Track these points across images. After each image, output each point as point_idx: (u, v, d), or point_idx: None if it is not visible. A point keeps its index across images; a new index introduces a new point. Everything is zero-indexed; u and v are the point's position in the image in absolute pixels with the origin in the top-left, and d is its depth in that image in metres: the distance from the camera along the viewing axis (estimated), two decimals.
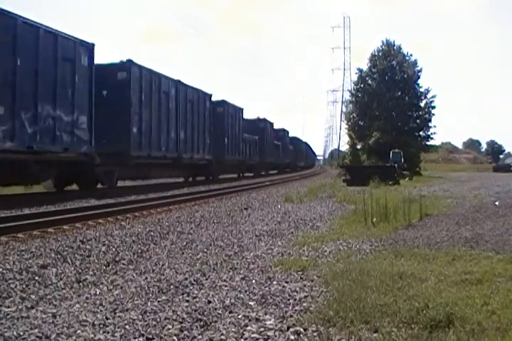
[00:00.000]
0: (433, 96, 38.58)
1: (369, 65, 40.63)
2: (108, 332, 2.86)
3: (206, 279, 4.13)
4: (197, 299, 3.52)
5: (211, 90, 21.75)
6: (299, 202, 11.60)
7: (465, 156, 78.06)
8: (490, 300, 3.25)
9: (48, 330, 2.89)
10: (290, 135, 45.37)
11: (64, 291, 3.87)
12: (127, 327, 2.94)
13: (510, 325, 2.78)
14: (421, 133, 39.01)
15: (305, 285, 3.83)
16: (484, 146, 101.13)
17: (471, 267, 4.24)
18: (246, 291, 3.70)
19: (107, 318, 3.12)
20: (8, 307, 3.42)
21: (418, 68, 39.25)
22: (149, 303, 3.44)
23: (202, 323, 2.99)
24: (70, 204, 10.15)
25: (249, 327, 2.89)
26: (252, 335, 2.77)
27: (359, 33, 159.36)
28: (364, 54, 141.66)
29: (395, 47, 40.05)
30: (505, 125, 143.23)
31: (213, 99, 22.31)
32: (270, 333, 2.79)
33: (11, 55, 9.91)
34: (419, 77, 39.23)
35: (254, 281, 4.00)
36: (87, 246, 5.61)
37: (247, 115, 29.26)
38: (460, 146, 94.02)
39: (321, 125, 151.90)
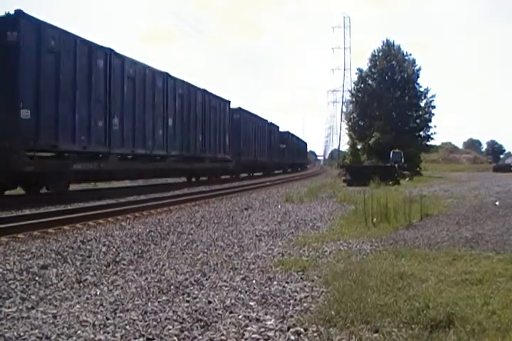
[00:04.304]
0: (433, 96, 38.62)
1: (369, 65, 40.68)
2: (108, 333, 2.86)
3: (206, 279, 4.12)
4: (197, 299, 3.52)
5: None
6: (299, 202, 11.61)
7: (465, 156, 77.85)
8: (490, 300, 3.25)
9: (49, 331, 2.89)
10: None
11: (64, 292, 3.86)
12: (128, 327, 2.94)
13: (511, 325, 2.78)
14: (421, 133, 38.97)
15: (305, 286, 3.83)
16: (484, 146, 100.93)
17: (472, 267, 4.23)
18: (246, 291, 3.70)
19: (108, 319, 3.12)
20: (9, 307, 3.42)
21: (417, 67, 39.33)
22: (150, 304, 3.44)
23: (202, 323, 2.99)
24: (71, 204, 10.15)
25: (249, 328, 2.89)
26: (253, 335, 2.77)
27: (359, 33, 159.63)
28: (364, 54, 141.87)
29: (394, 47, 40.08)
30: (506, 125, 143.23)
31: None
32: (270, 333, 2.79)
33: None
34: (418, 76, 39.27)
35: (254, 281, 4.00)
36: (88, 247, 5.61)
37: None
38: (460, 146, 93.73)
39: (321, 125, 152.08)
